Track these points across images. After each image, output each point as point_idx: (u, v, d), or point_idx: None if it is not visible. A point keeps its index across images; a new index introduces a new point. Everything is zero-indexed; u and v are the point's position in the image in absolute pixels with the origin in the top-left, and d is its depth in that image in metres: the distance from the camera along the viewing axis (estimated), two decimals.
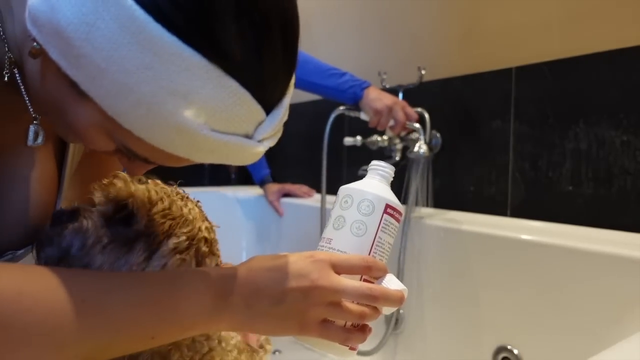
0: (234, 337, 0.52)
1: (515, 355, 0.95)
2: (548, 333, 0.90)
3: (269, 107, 0.39)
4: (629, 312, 0.78)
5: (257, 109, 0.38)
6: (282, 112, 0.41)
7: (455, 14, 1.30)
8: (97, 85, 0.34)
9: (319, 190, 1.76)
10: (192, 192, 0.55)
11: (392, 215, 0.48)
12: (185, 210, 0.49)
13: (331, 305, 0.44)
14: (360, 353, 1.31)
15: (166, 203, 0.47)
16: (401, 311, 1.22)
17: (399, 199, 0.50)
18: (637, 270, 0.78)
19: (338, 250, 0.47)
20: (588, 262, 0.85)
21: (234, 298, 0.42)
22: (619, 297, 0.80)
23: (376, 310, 0.46)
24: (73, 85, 0.35)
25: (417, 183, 1.22)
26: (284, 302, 0.42)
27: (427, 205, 1.33)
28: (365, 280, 0.46)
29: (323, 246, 0.48)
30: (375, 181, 0.50)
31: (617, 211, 0.97)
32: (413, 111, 1.20)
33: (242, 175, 2.16)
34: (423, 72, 1.28)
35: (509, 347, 0.96)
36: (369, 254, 0.47)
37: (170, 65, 0.33)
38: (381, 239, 0.48)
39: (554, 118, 1.07)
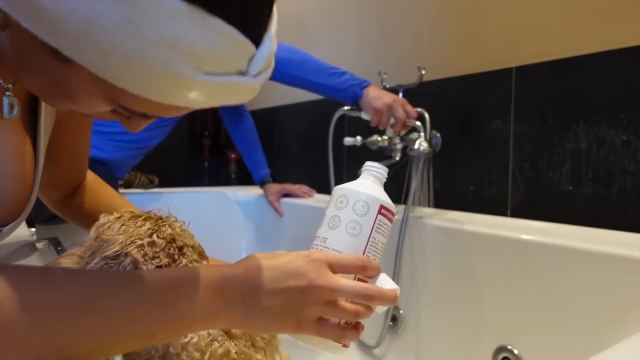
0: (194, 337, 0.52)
1: (515, 355, 0.95)
2: (548, 333, 0.90)
3: (257, 40, 0.38)
4: (629, 312, 0.78)
5: (246, 44, 0.37)
6: (271, 42, 0.40)
7: (455, 14, 1.30)
8: (80, 49, 0.32)
9: (319, 190, 1.76)
10: (192, 192, 0.55)
11: (385, 216, 0.50)
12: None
13: (327, 304, 0.44)
14: (361, 352, 1.31)
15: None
16: (401, 311, 1.22)
17: (399, 198, 0.50)
18: (637, 270, 0.78)
19: (333, 249, 0.48)
20: (588, 262, 0.85)
21: (232, 296, 0.42)
22: (619, 297, 0.80)
23: (370, 308, 0.46)
24: (54, 52, 0.33)
25: (417, 181, 1.22)
26: (282, 300, 0.43)
27: (428, 204, 1.33)
28: (359, 279, 0.47)
29: (318, 245, 0.49)
30: (369, 182, 0.51)
31: (617, 211, 0.97)
32: (413, 109, 1.20)
33: (242, 175, 2.16)
34: (423, 72, 1.28)
35: (509, 347, 0.96)
36: (364, 254, 0.48)
37: (151, 16, 0.32)
38: (375, 238, 0.49)
39: (554, 118, 1.07)
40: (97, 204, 0.76)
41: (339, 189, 0.51)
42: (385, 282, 0.47)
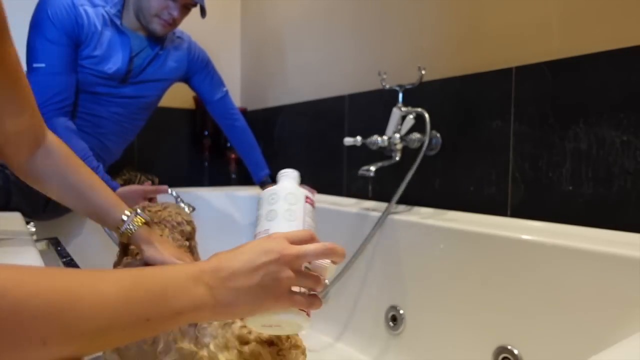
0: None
1: (515, 355, 0.95)
2: (548, 333, 0.90)
3: None
4: (629, 312, 0.78)
5: None
6: None
7: (455, 14, 1.30)
8: None
9: (319, 191, 1.77)
10: (192, 192, 0.58)
11: (310, 204, 0.60)
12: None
13: (298, 273, 0.49)
14: (361, 353, 1.31)
15: None
16: (401, 311, 1.22)
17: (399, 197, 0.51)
18: (637, 270, 0.78)
19: None
20: (588, 262, 0.85)
21: (213, 281, 0.45)
22: (619, 297, 0.80)
23: (321, 279, 0.52)
24: None
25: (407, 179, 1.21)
26: (260, 276, 0.46)
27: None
28: None
29: (262, 236, 0.55)
30: (290, 182, 0.61)
31: (617, 211, 0.97)
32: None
33: (242, 175, 2.16)
34: (423, 72, 1.28)
35: (509, 347, 0.96)
36: None
37: None
38: (306, 221, 0.58)
39: (554, 118, 1.07)
40: (67, 165, 0.77)
41: (267, 191, 0.60)
42: None
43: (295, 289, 0.50)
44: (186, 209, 1.46)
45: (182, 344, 0.61)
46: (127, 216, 0.80)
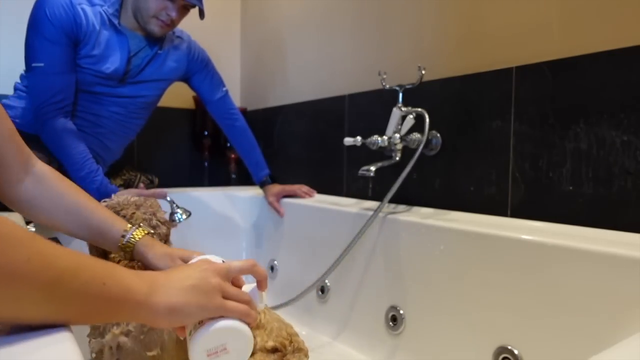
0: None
1: (515, 355, 0.95)
2: (548, 333, 0.90)
3: None
4: (629, 312, 0.78)
5: None
6: None
7: (455, 14, 1.30)
8: None
9: (319, 191, 1.77)
10: (192, 192, 0.60)
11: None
12: None
13: (227, 284, 0.54)
14: (361, 353, 1.31)
15: None
16: (401, 311, 1.22)
17: (398, 197, 0.50)
18: (637, 270, 0.78)
19: None
20: (588, 262, 0.85)
21: (150, 277, 0.50)
22: (619, 297, 0.80)
23: None
24: None
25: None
26: (192, 279, 0.51)
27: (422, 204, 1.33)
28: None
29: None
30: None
31: (617, 211, 0.97)
32: None
33: (242, 175, 2.16)
34: (423, 72, 1.28)
35: (509, 347, 0.96)
36: None
37: None
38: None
39: (554, 118, 1.07)
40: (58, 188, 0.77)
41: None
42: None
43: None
44: (181, 216, 1.46)
45: None
46: (127, 230, 0.79)
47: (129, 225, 0.78)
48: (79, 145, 1.35)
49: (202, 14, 1.46)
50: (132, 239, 0.77)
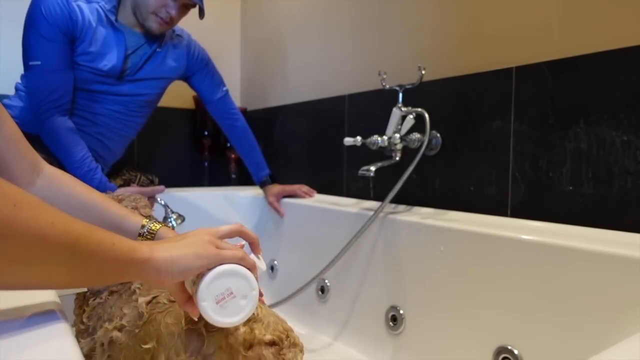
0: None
1: (515, 355, 0.95)
2: (548, 333, 0.90)
3: None
4: (629, 312, 0.78)
5: None
6: None
7: (455, 14, 1.30)
8: None
9: (319, 191, 1.77)
10: (192, 192, 0.60)
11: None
12: None
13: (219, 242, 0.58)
14: (361, 352, 1.31)
15: None
16: (401, 311, 1.22)
17: (399, 196, 0.50)
18: (637, 270, 0.78)
19: None
20: (588, 262, 0.85)
21: (156, 243, 0.54)
22: (619, 297, 0.80)
23: None
24: None
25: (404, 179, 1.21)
26: (186, 238, 0.56)
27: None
28: None
29: None
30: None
31: (617, 211, 0.97)
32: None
33: (242, 175, 2.16)
34: (423, 72, 1.28)
35: (509, 347, 0.96)
36: None
37: None
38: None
39: (554, 118, 1.07)
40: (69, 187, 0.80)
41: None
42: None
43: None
44: (174, 221, 1.46)
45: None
46: (146, 222, 0.80)
47: (145, 220, 0.80)
48: (78, 143, 1.35)
49: (202, 13, 1.45)
50: (153, 228, 0.79)
